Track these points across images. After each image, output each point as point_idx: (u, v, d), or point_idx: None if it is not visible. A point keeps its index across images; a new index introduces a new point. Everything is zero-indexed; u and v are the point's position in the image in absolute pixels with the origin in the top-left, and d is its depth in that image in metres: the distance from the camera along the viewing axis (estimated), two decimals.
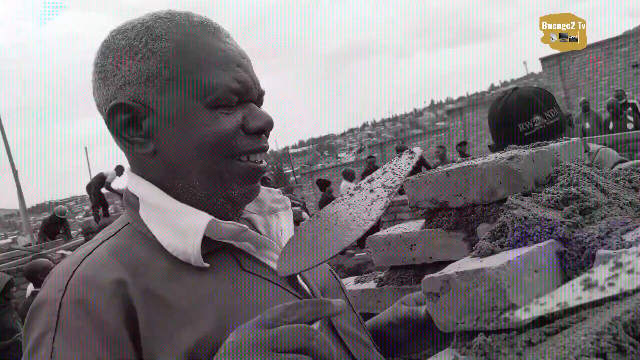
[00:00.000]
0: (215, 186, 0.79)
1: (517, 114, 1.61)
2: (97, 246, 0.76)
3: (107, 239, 0.78)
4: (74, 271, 0.71)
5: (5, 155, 12.12)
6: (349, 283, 1.46)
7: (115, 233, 0.79)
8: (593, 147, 1.74)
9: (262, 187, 0.89)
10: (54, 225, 11.55)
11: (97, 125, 0.81)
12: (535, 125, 1.59)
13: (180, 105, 0.77)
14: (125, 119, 0.78)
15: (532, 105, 1.62)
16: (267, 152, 0.86)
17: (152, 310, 0.70)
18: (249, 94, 0.81)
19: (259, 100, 0.84)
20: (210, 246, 0.77)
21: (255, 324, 0.63)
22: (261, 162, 0.83)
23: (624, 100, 10.02)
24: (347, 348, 0.81)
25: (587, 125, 9.92)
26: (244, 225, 0.79)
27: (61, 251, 9.26)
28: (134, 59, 0.78)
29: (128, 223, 0.81)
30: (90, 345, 0.66)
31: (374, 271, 1.52)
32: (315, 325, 0.65)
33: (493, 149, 1.77)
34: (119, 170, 12.20)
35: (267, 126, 0.82)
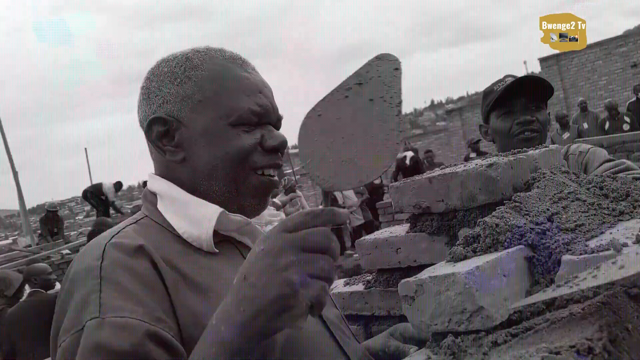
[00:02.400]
0: (231, 194, 0.92)
1: (495, 82, 1.85)
2: (123, 228, 0.89)
3: (130, 224, 0.91)
4: (107, 243, 0.83)
5: (5, 157, 12.16)
6: (338, 285, 1.50)
7: (136, 222, 0.92)
8: (584, 147, 1.78)
9: None
10: (50, 221, 11.73)
11: (96, 126, 0.85)
12: (506, 81, 1.78)
13: (208, 123, 0.91)
14: (161, 131, 0.93)
15: (508, 75, 1.85)
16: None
17: (171, 276, 0.81)
18: (268, 117, 0.95)
19: (277, 124, 0.98)
20: (218, 237, 0.90)
21: (279, 230, 0.70)
22: (274, 176, 0.97)
23: None
24: (332, 333, 0.92)
25: (585, 125, 9.94)
26: (248, 219, 0.93)
27: (63, 251, 9.31)
28: (174, 83, 0.94)
29: (145, 216, 0.93)
30: (134, 293, 0.76)
31: (362, 274, 1.56)
32: None
33: (483, 128, 1.88)
34: (118, 186, 12.43)
35: (281, 145, 0.96)
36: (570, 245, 0.76)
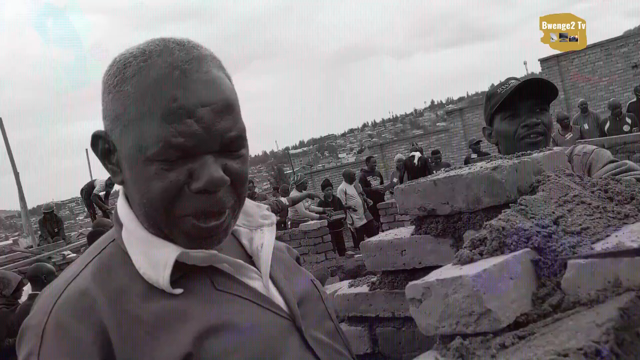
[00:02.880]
0: (160, 234, 0.82)
1: (498, 84, 1.85)
2: (84, 268, 0.82)
3: (94, 258, 0.83)
4: (59, 296, 0.78)
5: (7, 157, 12.18)
6: (343, 287, 1.51)
7: (101, 251, 0.84)
8: (589, 148, 1.79)
9: (252, 202, 0.93)
10: (49, 222, 11.77)
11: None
12: (510, 84, 1.77)
13: (129, 153, 0.79)
14: (105, 147, 0.83)
15: (510, 77, 1.85)
16: (224, 208, 0.81)
17: (129, 329, 0.75)
18: (200, 147, 0.77)
19: (228, 148, 0.80)
20: (185, 269, 0.81)
21: None
22: (210, 223, 0.79)
23: None
24: (317, 357, 0.86)
25: (586, 126, 9.96)
26: (213, 252, 0.82)
27: (65, 252, 9.33)
28: (108, 96, 0.81)
29: (114, 239, 0.85)
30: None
31: (367, 275, 1.57)
32: None
33: (487, 131, 1.88)
34: (109, 181, 12.26)
35: (207, 186, 0.77)
36: (576, 248, 0.77)
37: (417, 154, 11.22)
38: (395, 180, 10.72)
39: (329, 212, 9.40)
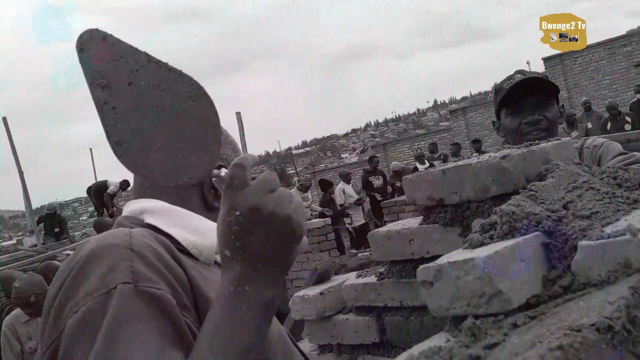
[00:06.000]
0: None
1: (505, 79, 1.84)
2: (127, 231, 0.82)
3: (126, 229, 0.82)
4: (129, 229, 0.80)
5: (11, 157, 12.19)
6: (351, 278, 1.52)
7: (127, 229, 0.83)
8: (599, 141, 1.79)
9: (208, 221, 0.92)
10: (49, 222, 11.81)
11: (101, 127, 0.85)
12: (515, 79, 1.77)
13: None
14: None
15: (517, 71, 1.84)
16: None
17: (196, 271, 0.82)
18: None
19: None
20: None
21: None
22: None
23: None
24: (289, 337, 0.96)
25: (590, 125, 9.95)
26: None
27: (67, 252, 9.35)
28: None
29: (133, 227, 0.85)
30: (165, 274, 0.75)
31: (374, 266, 1.58)
32: None
33: (496, 124, 1.89)
34: (124, 185, 12.30)
35: None
36: (587, 232, 0.78)
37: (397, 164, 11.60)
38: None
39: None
